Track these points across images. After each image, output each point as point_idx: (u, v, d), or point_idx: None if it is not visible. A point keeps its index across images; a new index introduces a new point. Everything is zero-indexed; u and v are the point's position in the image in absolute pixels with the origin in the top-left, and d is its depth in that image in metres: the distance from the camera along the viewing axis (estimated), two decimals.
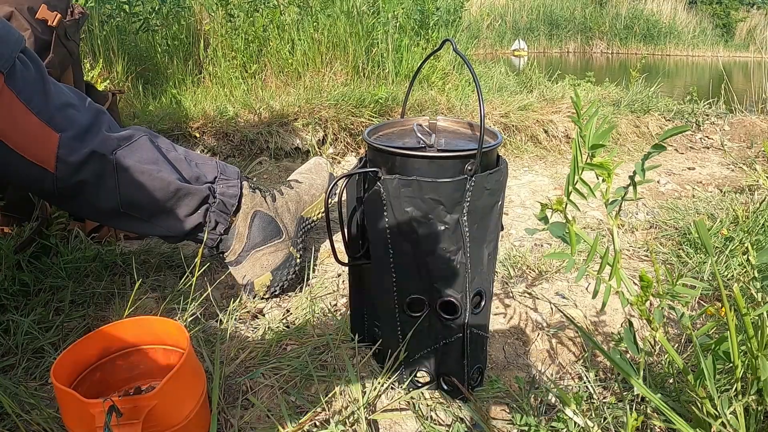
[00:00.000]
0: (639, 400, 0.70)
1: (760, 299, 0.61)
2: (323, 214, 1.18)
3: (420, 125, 0.71)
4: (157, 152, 0.90)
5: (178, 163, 0.92)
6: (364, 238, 0.71)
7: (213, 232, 0.95)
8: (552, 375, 0.82)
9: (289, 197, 1.07)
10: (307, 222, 1.11)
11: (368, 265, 0.71)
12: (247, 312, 0.97)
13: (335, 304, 1.00)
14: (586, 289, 1.06)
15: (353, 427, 0.66)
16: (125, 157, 0.85)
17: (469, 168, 0.61)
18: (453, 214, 0.63)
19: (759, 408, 0.54)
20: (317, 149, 1.95)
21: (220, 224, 0.96)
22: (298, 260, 1.05)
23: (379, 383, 0.71)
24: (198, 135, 1.86)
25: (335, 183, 0.67)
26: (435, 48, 0.71)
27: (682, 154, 2.27)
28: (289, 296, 1.04)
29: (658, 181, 1.83)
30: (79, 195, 0.85)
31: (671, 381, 0.69)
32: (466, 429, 0.68)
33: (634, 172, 0.53)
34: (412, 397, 0.72)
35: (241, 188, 0.99)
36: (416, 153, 0.62)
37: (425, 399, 0.73)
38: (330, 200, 1.27)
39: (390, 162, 0.63)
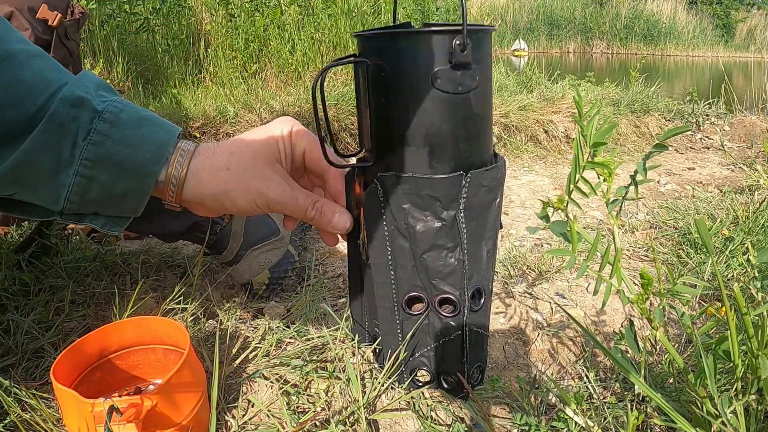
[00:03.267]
0: (639, 399, 0.70)
1: (760, 299, 0.61)
2: None
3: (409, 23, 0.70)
4: None
5: None
6: (362, 128, 0.68)
7: (209, 231, 0.96)
8: (552, 375, 0.82)
9: None
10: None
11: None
12: (247, 312, 0.97)
13: (335, 304, 1.00)
14: (586, 289, 1.07)
15: (353, 427, 0.66)
16: None
17: (458, 43, 0.57)
18: (449, 210, 0.63)
19: (759, 407, 0.54)
20: None
21: (215, 223, 0.96)
22: (297, 258, 1.05)
23: (379, 383, 0.71)
24: (198, 135, 1.86)
25: (321, 74, 0.60)
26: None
27: (682, 154, 2.27)
28: (289, 296, 1.04)
29: (658, 181, 1.83)
30: None
31: (671, 380, 0.69)
32: (466, 429, 0.68)
33: (636, 172, 0.53)
34: (412, 397, 0.72)
35: None
36: (402, 31, 0.60)
37: (425, 398, 0.73)
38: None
39: (376, 48, 0.60)
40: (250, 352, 0.79)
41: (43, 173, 0.43)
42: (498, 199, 0.67)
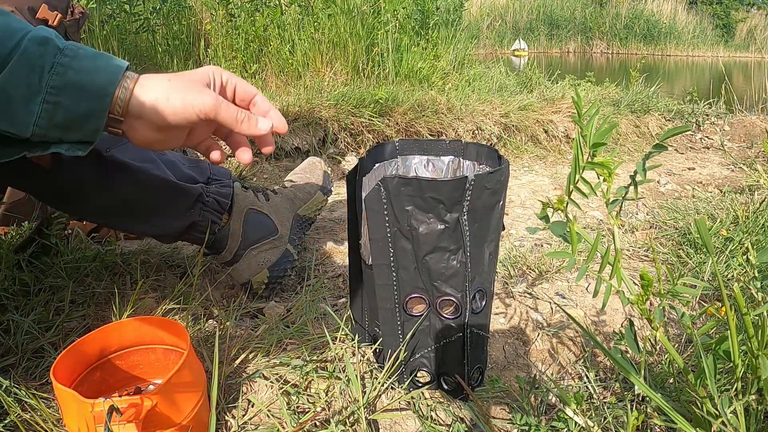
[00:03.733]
0: (639, 399, 0.70)
1: (760, 299, 0.61)
2: (321, 213, 1.19)
3: None
4: (151, 153, 0.91)
5: (170, 164, 0.93)
6: None
7: (208, 231, 0.96)
8: (552, 375, 0.82)
9: (283, 195, 1.08)
10: (304, 220, 1.11)
11: (370, 269, 0.71)
12: (247, 312, 0.97)
13: (335, 304, 1.00)
14: (587, 289, 1.07)
15: (353, 427, 0.66)
16: (120, 155, 0.86)
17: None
18: (453, 213, 0.63)
19: (759, 407, 0.54)
20: (317, 149, 1.95)
21: (214, 223, 0.96)
22: (296, 257, 1.05)
23: (379, 383, 0.71)
24: None
25: None
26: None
27: (682, 154, 2.27)
28: (289, 296, 1.04)
29: (658, 181, 1.83)
30: (76, 194, 0.85)
31: (671, 381, 0.69)
32: (466, 429, 0.68)
33: (635, 172, 0.53)
34: (412, 397, 0.72)
35: (233, 188, 1.00)
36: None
37: (425, 399, 0.73)
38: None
39: None
40: (250, 352, 0.79)
41: (15, 102, 0.52)
42: (501, 202, 0.67)
